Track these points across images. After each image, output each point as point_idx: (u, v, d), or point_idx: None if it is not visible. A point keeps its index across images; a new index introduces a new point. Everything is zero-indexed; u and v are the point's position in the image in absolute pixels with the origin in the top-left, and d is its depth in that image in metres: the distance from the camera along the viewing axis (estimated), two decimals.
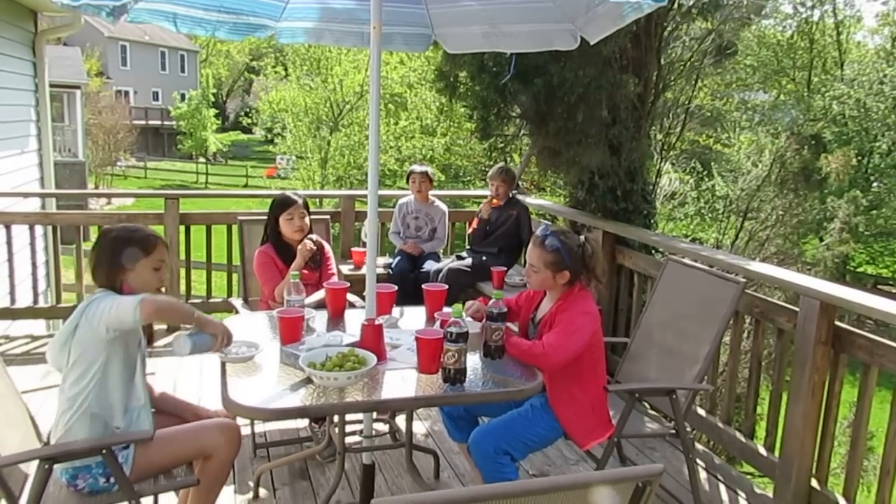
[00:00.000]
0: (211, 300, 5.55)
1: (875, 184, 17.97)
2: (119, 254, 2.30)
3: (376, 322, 2.54)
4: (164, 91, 43.01)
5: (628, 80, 4.20)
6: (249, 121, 30.66)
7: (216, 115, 38.50)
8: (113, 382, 2.26)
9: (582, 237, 2.73)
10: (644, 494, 1.30)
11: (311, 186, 21.53)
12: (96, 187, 27.75)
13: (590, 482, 1.29)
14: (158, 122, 39.77)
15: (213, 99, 38.72)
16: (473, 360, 2.50)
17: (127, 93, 39.77)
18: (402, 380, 2.40)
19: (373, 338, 2.50)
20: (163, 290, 2.39)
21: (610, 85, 4.08)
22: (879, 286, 18.28)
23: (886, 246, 19.25)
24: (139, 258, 2.32)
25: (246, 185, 32.16)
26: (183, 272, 5.34)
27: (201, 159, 37.05)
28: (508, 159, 5.90)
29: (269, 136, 29.16)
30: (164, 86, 43.43)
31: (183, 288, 5.36)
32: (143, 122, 36.30)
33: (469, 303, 2.91)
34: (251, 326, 2.89)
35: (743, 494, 3.36)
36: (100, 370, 2.23)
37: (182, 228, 5.27)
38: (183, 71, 45.88)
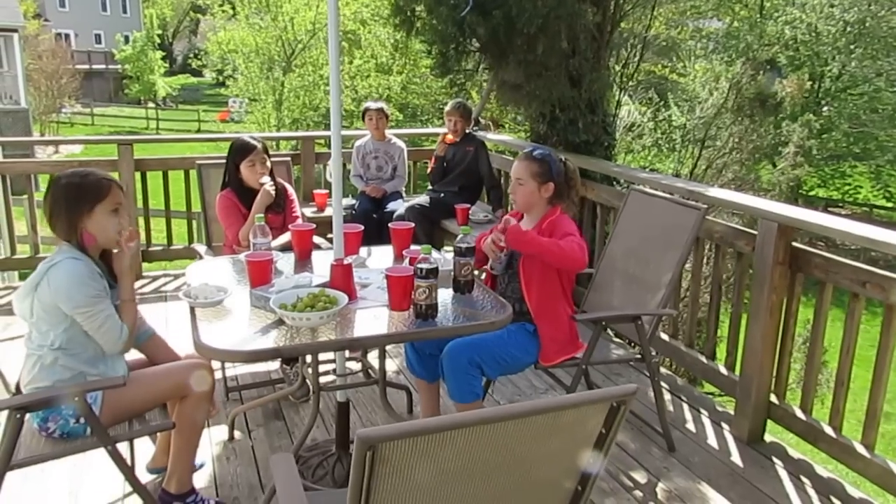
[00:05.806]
0: (172, 248, 5.47)
1: (825, 108, 18.17)
2: (74, 200, 2.23)
3: (345, 262, 2.53)
4: (106, 33, 41.26)
5: (586, 10, 4.15)
6: (200, 63, 29.55)
7: (163, 58, 37.12)
8: (83, 335, 2.25)
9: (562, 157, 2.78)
10: (619, 413, 1.34)
11: (267, 129, 21.02)
12: (42, 136, 26.71)
13: (565, 404, 1.33)
14: (103, 67, 38.18)
15: (158, 41, 37.27)
16: (443, 296, 2.52)
17: (67, 36, 38.05)
18: (374, 318, 2.41)
19: (342, 277, 2.49)
20: (124, 233, 2.31)
21: (569, 15, 4.02)
22: (830, 208, 18.76)
23: (837, 169, 19.59)
24: (95, 203, 2.25)
25: (199, 130, 31.26)
26: (141, 220, 5.23)
27: (150, 104, 35.88)
28: (467, 96, 5.83)
29: (220, 78, 28.19)
30: (105, 28, 41.65)
31: (143, 237, 5.26)
32: (86, 67, 34.82)
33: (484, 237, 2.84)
34: (216, 271, 2.86)
35: (706, 412, 3.51)
36: (70, 327, 2.23)
37: (138, 175, 5.14)
38: (125, 12, 43.88)
